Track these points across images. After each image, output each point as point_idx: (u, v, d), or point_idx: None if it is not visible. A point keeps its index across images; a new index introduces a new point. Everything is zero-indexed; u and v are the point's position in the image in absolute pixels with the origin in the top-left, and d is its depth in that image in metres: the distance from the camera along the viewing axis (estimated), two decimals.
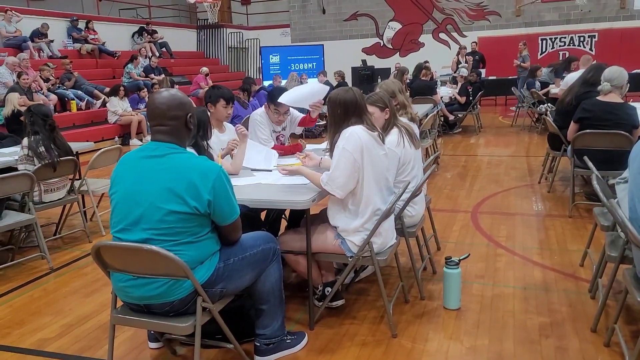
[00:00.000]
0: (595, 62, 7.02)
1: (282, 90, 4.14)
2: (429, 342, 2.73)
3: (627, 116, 4.36)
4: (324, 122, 10.59)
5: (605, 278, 2.97)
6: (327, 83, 10.56)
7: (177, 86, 7.04)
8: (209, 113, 3.82)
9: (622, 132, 4.27)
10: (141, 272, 2.12)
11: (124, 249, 2.11)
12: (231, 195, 2.20)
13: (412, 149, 3.14)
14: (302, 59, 15.99)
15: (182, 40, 16.56)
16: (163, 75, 12.04)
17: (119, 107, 10.20)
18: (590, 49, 14.71)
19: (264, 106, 4.14)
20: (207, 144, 3.08)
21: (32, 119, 4.03)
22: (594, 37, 14.71)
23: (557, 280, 3.40)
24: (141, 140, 10.23)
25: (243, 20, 18.73)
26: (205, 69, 12.93)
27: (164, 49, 14.76)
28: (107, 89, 10.73)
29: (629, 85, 4.56)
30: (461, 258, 3.08)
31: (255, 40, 17.75)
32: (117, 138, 10.15)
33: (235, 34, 17.82)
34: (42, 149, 3.99)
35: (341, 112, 2.75)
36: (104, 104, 10.60)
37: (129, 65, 12.03)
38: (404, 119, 3.52)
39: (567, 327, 2.83)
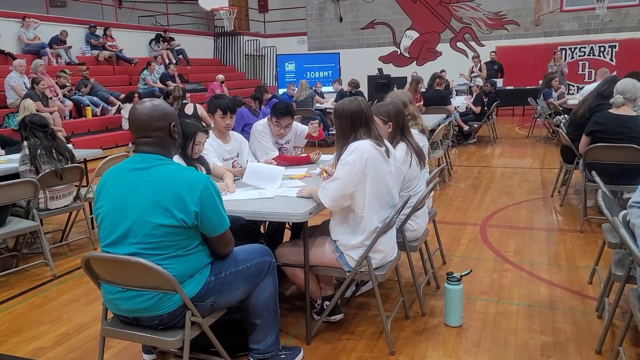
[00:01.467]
0: (612, 74, 6.89)
1: (288, 105, 4.14)
2: None
3: (639, 129, 4.25)
4: None
5: (613, 297, 2.87)
6: (341, 91, 10.56)
7: (189, 95, 7.05)
8: (212, 123, 3.82)
9: (635, 145, 4.15)
10: (130, 285, 2.10)
11: (112, 261, 2.10)
12: (219, 206, 2.16)
13: (417, 168, 3.09)
14: (317, 67, 16.01)
15: (199, 47, 16.72)
16: (172, 84, 12.16)
17: None
18: (611, 59, 14.46)
19: (267, 118, 4.12)
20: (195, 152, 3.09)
21: (31, 130, 4.06)
22: (615, 47, 14.46)
23: (563, 298, 3.31)
24: None
25: (260, 27, 18.85)
26: (220, 76, 13.01)
27: (180, 56, 14.91)
28: (123, 96, 10.86)
29: None
30: (463, 274, 3.01)
31: (271, 47, 17.84)
32: (130, 144, 10.24)
33: (252, 41, 17.93)
34: (44, 158, 4.01)
35: (348, 123, 2.70)
36: (118, 110, 10.72)
37: (145, 72, 12.17)
38: (414, 130, 3.47)
39: (571, 347, 2.74)
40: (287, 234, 3.77)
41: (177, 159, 3.00)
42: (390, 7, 16.69)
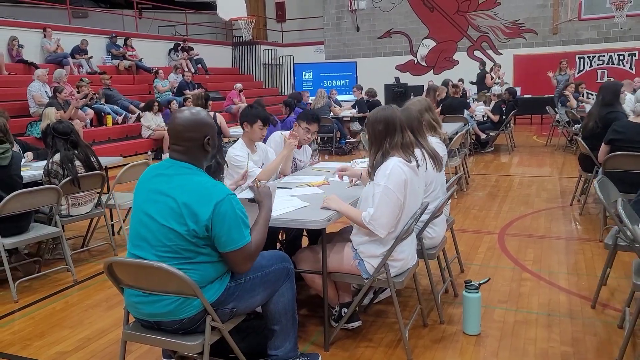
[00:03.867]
0: (608, 79, 6.83)
1: (317, 113, 4.18)
2: None
3: None
4: (354, 140, 10.60)
5: (634, 307, 2.83)
6: (361, 100, 10.61)
7: (210, 102, 7.11)
8: (242, 131, 3.85)
9: None
10: (151, 289, 2.14)
11: (134, 266, 2.14)
12: (234, 223, 2.10)
13: (435, 172, 3.09)
14: (335, 75, 16.09)
15: (217, 56, 16.92)
16: (198, 90, 12.30)
17: (152, 122, 10.45)
18: (630, 68, 14.30)
19: (294, 125, 4.09)
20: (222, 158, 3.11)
21: (53, 139, 4.15)
22: (635, 56, 14.30)
23: (583, 308, 3.27)
24: None
25: (278, 37, 19.02)
26: (239, 85, 13.15)
27: (199, 65, 15.10)
28: (142, 104, 11.03)
29: None
30: (481, 282, 2.99)
31: (289, 57, 17.97)
32: (150, 152, 10.38)
33: (269, 50, 18.09)
34: (60, 169, 4.09)
35: (382, 129, 2.69)
36: (138, 119, 10.89)
37: (156, 80, 12.33)
38: (435, 139, 3.47)
39: (591, 358, 2.71)
40: (305, 241, 3.79)
41: None
42: (407, 16, 16.72)
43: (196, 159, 2.20)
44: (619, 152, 4.26)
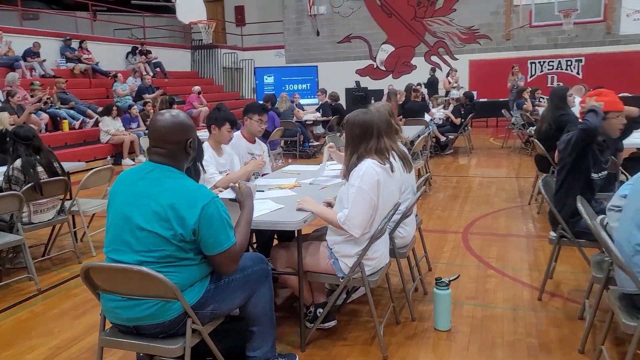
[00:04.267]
0: (558, 84, 7.19)
1: (260, 103, 4.27)
2: None
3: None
4: (317, 143, 10.68)
5: (593, 299, 2.99)
6: (325, 104, 10.70)
7: (175, 106, 7.02)
8: (208, 134, 3.84)
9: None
10: (131, 293, 2.13)
11: (113, 270, 2.12)
12: (220, 226, 2.13)
13: (405, 173, 3.18)
14: (296, 79, 16.16)
15: (176, 60, 16.69)
16: (158, 92, 12.10)
17: (111, 127, 10.22)
18: (578, 73, 14.97)
19: (245, 120, 4.10)
20: (201, 165, 3.11)
21: (14, 144, 4.03)
22: (581, 61, 14.98)
23: (545, 301, 3.43)
24: (133, 160, 10.24)
25: (238, 41, 18.93)
26: (197, 88, 13.03)
27: (158, 69, 14.86)
28: (100, 109, 10.77)
29: None
30: (451, 279, 3.10)
31: (249, 60, 17.92)
32: (109, 158, 10.15)
33: (229, 54, 17.99)
34: (21, 175, 3.97)
35: (359, 132, 2.75)
36: (96, 124, 10.63)
37: (115, 84, 12.06)
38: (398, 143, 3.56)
39: (555, 348, 2.84)
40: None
41: None
42: (366, 21, 16.98)
43: (178, 162, 2.21)
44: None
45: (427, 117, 8.62)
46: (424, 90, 13.67)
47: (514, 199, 6.21)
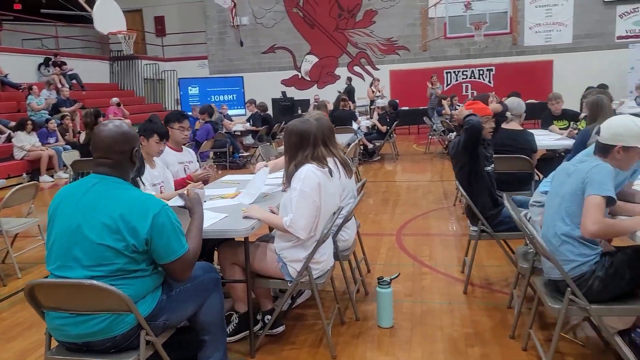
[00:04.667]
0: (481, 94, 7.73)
1: (178, 111, 4.23)
2: None
3: (526, 142, 4.83)
4: (247, 154, 10.66)
5: (519, 289, 3.26)
6: (256, 114, 10.71)
7: (101, 119, 6.76)
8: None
9: (524, 156, 4.71)
10: (81, 309, 2.07)
11: (62, 286, 2.06)
12: (171, 235, 2.13)
13: (346, 179, 3.31)
14: (222, 90, 16.03)
15: (93, 71, 16.02)
16: (78, 104, 11.57)
17: (26, 142, 9.64)
18: (489, 82, 15.99)
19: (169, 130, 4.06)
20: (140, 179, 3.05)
21: None
22: (492, 71, 16.03)
23: (476, 294, 3.67)
24: (52, 177, 9.72)
25: (158, 51, 18.49)
26: (115, 99, 12.63)
27: (74, 81, 14.20)
28: (13, 123, 10.13)
29: (526, 113, 5.07)
30: (392, 277, 3.26)
31: (172, 72, 17.55)
32: (25, 175, 9.56)
33: (150, 65, 17.52)
34: None
35: (296, 140, 2.86)
36: (9, 139, 9.98)
37: (30, 97, 11.40)
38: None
39: (489, 335, 3.06)
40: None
41: None
42: (289, 32, 17.18)
43: (124, 172, 2.19)
44: (497, 155, 4.80)
45: (354, 126, 8.88)
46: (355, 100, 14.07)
47: (440, 201, 6.55)
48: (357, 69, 17.03)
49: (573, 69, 14.78)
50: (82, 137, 6.55)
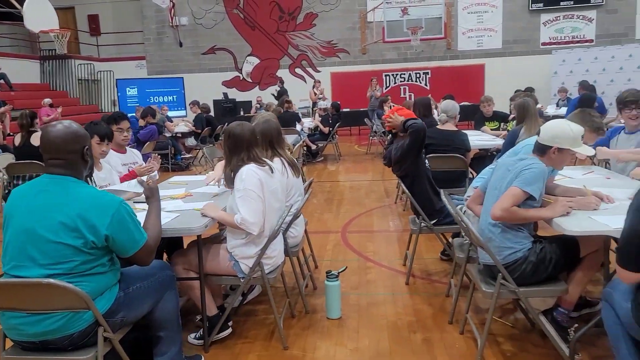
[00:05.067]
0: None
1: (115, 112, 4.26)
2: (318, 350, 3.00)
3: (460, 142, 5.15)
4: (190, 155, 10.57)
5: (456, 278, 3.51)
6: (200, 115, 10.63)
7: (37, 121, 6.49)
8: None
9: (459, 155, 5.02)
10: (37, 308, 2.09)
11: (18, 285, 2.07)
12: (132, 228, 2.23)
13: (294, 178, 3.44)
14: (161, 91, 15.74)
15: (22, 71, 15.27)
16: (8, 106, 11.04)
17: None
18: (425, 85, 16.60)
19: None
20: (92, 179, 3.07)
21: None
22: (428, 74, 16.65)
23: (418, 285, 3.91)
24: None
25: (93, 51, 17.88)
26: (47, 100, 12.15)
27: (1, 81, 13.52)
28: None
29: (460, 115, 5.40)
30: (340, 271, 3.42)
31: (108, 72, 17.03)
32: None
33: (85, 65, 16.92)
34: None
35: (231, 143, 2.97)
36: None
37: None
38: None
39: (430, 322, 3.29)
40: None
41: None
42: (229, 33, 17.10)
43: (78, 171, 2.23)
44: (430, 155, 5.10)
45: (298, 127, 9.03)
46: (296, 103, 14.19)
47: (382, 199, 6.81)
48: (298, 70, 17.20)
49: (503, 72, 15.60)
50: (18, 139, 6.32)
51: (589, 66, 14.86)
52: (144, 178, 3.23)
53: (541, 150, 2.81)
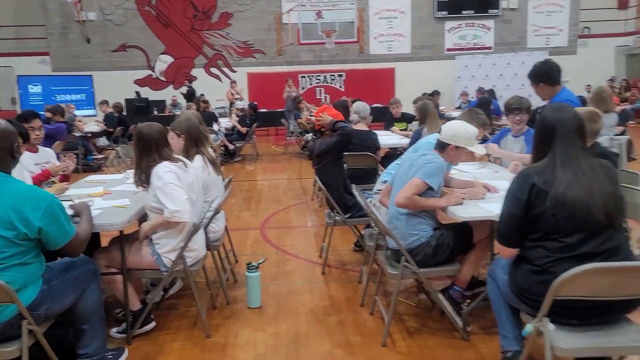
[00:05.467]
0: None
1: (25, 110, 4.21)
2: (239, 337, 3.18)
3: (371, 141, 5.51)
4: (101, 156, 10.24)
5: (367, 266, 3.82)
6: (111, 114, 10.31)
7: None
8: None
9: (370, 153, 5.37)
10: None
11: None
12: (63, 220, 2.34)
13: (215, 175, 3.59)
14: (68, 89, 15.02)
15: None
16: None
17: None
18: (341, 87, 17.14)
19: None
20: None
21: None
22: (342, 76, 17.20)
23: (333, 274, 4.19)
24: None
25: None
26: None
27: None
28: None
29: (372, 116, 5.77)
30: (260, 262, 3.62)
31: (7, 68, 15.96)
32: None
33: None
34: None
35: (141, 145, 3.06)
36: None
37: None
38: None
39: (344, 306, 3.57)
40: None
41: None
42: (142, 31, 16.64)
43: (7, 167, 2.28)
44: (345, 153, 5.40)
45: (215, 127, 9.07)
46: (184, 101, 13.99)
47: (300, 197, 7.07)
48: (214, 70, 17.09)
49: (411, 76, 16.47)
50: None
51: (489, 71, 16.11)
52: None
53: (441, 147, 3.16)
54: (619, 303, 2.16)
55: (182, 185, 3.02)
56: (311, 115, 10.87)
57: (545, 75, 3.81)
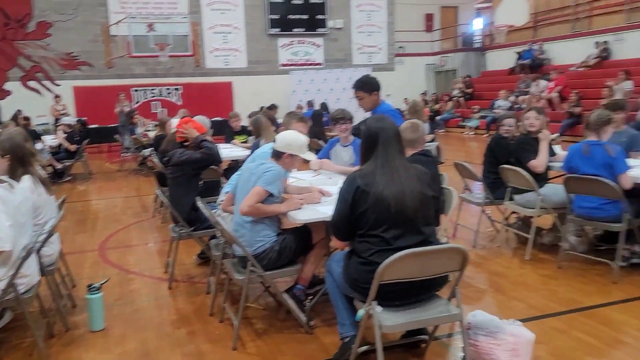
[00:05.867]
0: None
1: None
2: None
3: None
4: None
5: (214, 276, 3.91)
6: None
7: None
8: None
9: (212, 166, 5.43)
10: None
11: None
12: None
13: (46, 195, 3.38)
14: None
15: None
16: None
17: None
18: (178, 100, 16.80)
19: None
20: None
21: None
22: (179, 90, 16.89)
23: (180, 287, 4.20)
24: None
25: None
26: None
27: None
28: None
29: (213, 129, 5.86)
30: (101, 283, 3.50)
31: None
32: None
33: None
34: None
35: None
36: None
37: None
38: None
39: (193, 317, 3.63)
40: None
41: None
42: None
43: None
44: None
45: (39, 145, 8.33)
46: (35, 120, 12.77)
47: (140, 214, 6.84)
48: (32, 83, 15.56)
49: (249, 90, 16.81)
50: None
51: (320, 86, 17.15)
52: None
53: (277, 155, 3.40)
54: (430, 282, 2.59)
55: (8, 209, 2.83)
56: (148, 130, 10.55)
57: (369, 84, 4.31)
